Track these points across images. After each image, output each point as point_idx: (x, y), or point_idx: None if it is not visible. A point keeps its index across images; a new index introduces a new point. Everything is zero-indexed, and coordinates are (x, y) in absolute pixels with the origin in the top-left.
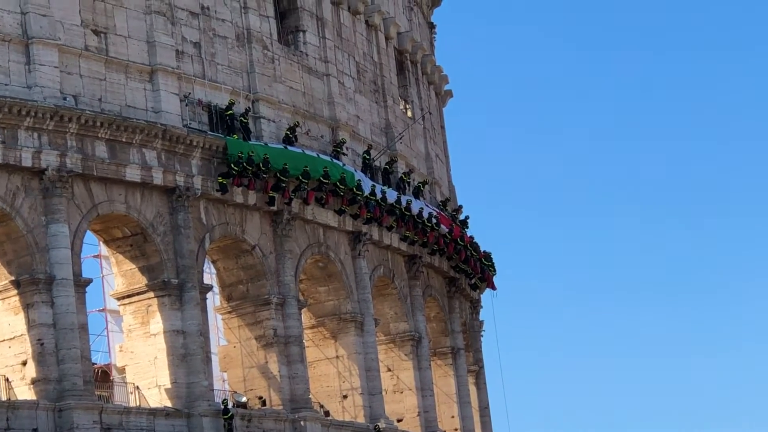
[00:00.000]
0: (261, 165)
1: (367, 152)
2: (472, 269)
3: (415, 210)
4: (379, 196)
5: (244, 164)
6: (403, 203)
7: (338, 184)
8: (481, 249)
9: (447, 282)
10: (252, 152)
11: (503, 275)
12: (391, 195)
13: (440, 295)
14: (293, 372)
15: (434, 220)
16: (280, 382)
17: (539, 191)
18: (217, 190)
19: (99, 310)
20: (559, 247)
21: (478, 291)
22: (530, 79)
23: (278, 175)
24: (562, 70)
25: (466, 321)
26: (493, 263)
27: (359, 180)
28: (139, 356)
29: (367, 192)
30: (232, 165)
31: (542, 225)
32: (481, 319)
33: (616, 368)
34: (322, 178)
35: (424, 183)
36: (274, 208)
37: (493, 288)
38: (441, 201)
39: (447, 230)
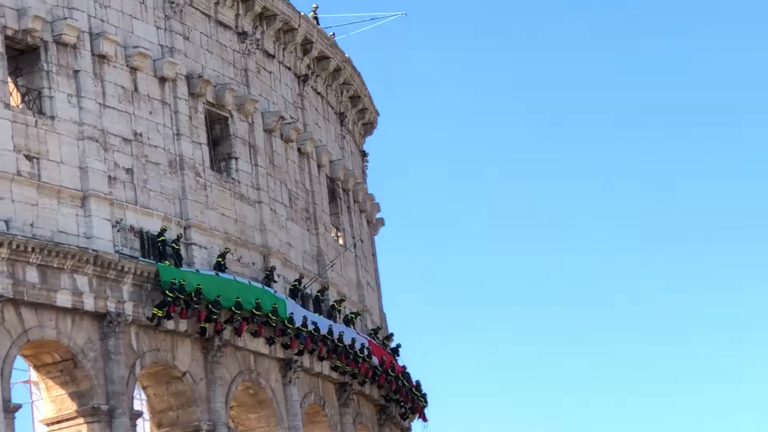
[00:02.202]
0: (193, 295)
1: (298, 281)
2: (404, 399)
3: (347, 340)
4: (310, 327)
5: (177, 292)
6: (335, 334)
7: (270, 315)
8: (412, 379)
9: (378, 410)
10: (184, 281)
11: (434, 401)
12: (323, 324)
13: (371, 422)
14: None
15: (366, 351)
16: None
17: (470, 319)
18: (148, 318)
19: None
20: (491, 374)
21: (408, 419)
22: (463, 210)
23: (210, 306)
24: (492, 197)
25: None
26: (423, 394)
27: (291, 313)
28: None
29: (299, 324)
30: (167, 292)
31: (474, 353)
32: None
33: None
34: (254, 310)
35: (357, 314)
36: (206, 336)
37: (424, 419)
38: (372, 329)
39: (378, 361)
